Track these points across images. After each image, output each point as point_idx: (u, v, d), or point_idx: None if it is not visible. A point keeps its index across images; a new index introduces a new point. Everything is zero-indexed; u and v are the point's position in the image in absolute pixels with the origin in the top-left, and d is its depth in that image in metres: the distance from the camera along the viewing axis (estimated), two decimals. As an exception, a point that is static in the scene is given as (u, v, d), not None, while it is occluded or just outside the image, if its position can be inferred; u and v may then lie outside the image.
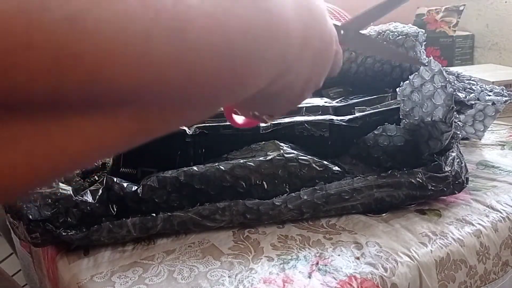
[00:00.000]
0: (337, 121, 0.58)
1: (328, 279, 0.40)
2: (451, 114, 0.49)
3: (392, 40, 0.68)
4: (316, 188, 0.49)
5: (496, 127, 0.79)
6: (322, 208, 0.49)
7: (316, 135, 0.57)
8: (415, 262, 0.43)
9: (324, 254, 0.44)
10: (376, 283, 0.41)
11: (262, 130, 0.57)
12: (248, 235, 0.48)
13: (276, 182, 0.50)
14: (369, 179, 0.50)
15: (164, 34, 0.14)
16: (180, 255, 0.45)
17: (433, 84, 0.51)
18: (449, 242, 0.46)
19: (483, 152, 0.69)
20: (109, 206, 0.48)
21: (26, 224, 0.45)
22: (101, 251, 0.46)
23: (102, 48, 0.13)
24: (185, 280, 0.41)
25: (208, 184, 0.49)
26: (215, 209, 0.48)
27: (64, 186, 0.48)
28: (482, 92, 0.65)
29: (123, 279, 0.42)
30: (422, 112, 0.52)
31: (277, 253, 0.45)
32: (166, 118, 0.17)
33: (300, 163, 0.51)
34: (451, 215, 0.51)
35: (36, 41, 0.12)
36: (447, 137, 0.50)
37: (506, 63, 1.16)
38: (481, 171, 0.62)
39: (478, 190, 0.56)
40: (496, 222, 0.50)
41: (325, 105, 0.63)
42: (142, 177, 0.50)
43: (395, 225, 0.49)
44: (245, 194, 0.49)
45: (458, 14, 1.20)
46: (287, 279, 0.41)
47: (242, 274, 0.42)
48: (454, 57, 1.20)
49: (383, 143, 0.55)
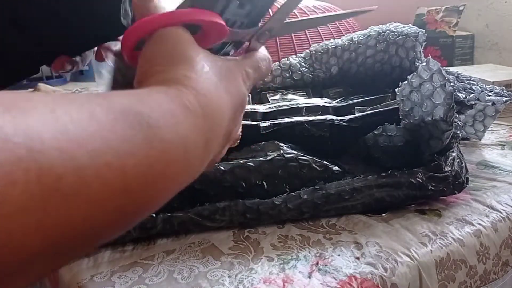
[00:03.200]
0: (337, 121, 0.58)
1: (328, 279, 0.41)
2: (451, 112, 0.49)
3: (392, 40, 0.68)
4: (316, 188, 0.49)
5: (496, 127, 0.79)
6: (322, 208, 0.49)
7: (316, 135, 0.57)
8: (415, 262, 0.43)
9: (324, 254, 0.44)
10: (376, 283, 0.41)
11: (262, 130, 0.57)
12: (248, 235, 0.48)
13: (276, 182, 0.50)
14: (369, 179, 0.50)
15: None
16: (180, 255, 0.45)
17: (432, 83, 0.51)
18: (449, 242, 0.46)
19: (483, 152, 0.69)
20: (109, 206, 0.48)
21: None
22: (101, 251, 0.46)
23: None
24: (185, 280, 0.41)
25: (208, 184, 0.49)
26: (215, 209, 0.48)
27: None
28: (482, 92, 0.65)
29: (123, 279, 0.42)
30: (422, 111, 0.52)
31: (277, 253, 0.45)
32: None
33: (300, 163, 0.51)
34: (451, 215, 0.51)
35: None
36: (448, 136, 0.50)
37: (506, 63, 1.17)
38: (481, 171, 0.62)
39: (478, 190, 0.56)
40: (496, 222, 0.50)
41: (325, 105, 0.63)
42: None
43: (395, 225, 0.49)
44: (245, 194, 0.49)
45: (458, 14, 1.20)
46: (287, 279, 0.41)
47: (242, 274, 0.42)
48: (454, 57, 1.20)
49: (383, 143, 0.55)
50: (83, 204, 0.16)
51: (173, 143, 0.21)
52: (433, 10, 1.24)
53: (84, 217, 0.16)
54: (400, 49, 0.68)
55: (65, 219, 0.15)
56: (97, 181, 0.16)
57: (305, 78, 0.75)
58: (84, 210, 0.16)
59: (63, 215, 0.15)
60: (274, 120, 0.58)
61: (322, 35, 1.01)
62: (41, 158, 0.14)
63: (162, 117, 0.21)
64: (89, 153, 0.16)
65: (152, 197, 0.20)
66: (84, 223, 0.16)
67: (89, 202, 0.16)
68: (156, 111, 0.20)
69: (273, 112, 0.60)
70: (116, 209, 0.17)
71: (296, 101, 0.65)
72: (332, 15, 0.41)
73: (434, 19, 1.23)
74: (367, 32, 0.72)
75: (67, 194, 0.15)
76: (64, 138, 0.15)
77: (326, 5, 1.12)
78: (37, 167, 0.14)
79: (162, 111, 0.21)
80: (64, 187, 0.15)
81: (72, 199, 0.15)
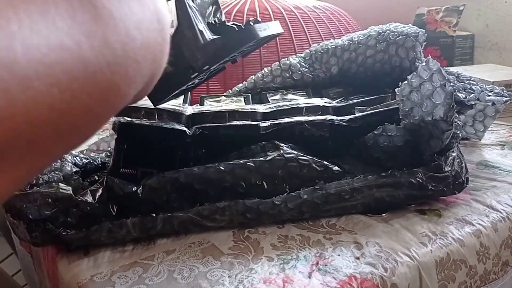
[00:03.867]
0: (337, 121, 0.58)
1: (328, 279, 0.41)
2: (451, 112, 0.49)
3: (392, 40, 0.68)
4: (316, 188, 0.49)
5: (496, 127, 0.79)
6: (322, 208, 0.49)
7: (316, 135, 0.57)
8: (415, 262, 0.43)
9: (324, 254, 0.44)
10: (376, 283, 0.41)
11: (262, 130, 0.57)
12: (248, 235, 0.48)
13: (276, 182, 0.50)
14: (369, 179, 0.50)
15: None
16: (180, 255, 0.45)
17: (432, 83, 0.51)
18: (449, 242, 0.46)
19: (483, 152, 0.69)
20: (109, 206, 0.48)
21: (26, 224, 0.45)
22: (101, 251, 0.46)
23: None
24: (185, 280, 0.41)
25: (208, 184, 0.49)
26: (215, 209, 0.48)
27: (64, 186, 0.48)
28: (482, 92, 0.65)
29: (123, 279, 0.42)
30: (422, 111, 0.52)
31: (277, 253, 0.45)
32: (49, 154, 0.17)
33: (300, 163, 0.51)
34: (451, 215, 0.51)
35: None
36: (448, 136, 0.50)
37: (506, 63, 1.16)
38: (481, 171, 0.62)
39: (478, 190, 0.56)
40: (496, 222, 0.50)
41: (325, 105, 0.63)
42: (142, 177, 0.50)
43: (395, 225, 0.49)
44: (245, 194, 0.49)
45: (458, 14, 1.20)
46: (287, 279, 0.41)
47: (242, 274, 0.42)
48: (454, 57, 1.20)
49: (383, 143, 0.55)
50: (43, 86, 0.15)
51: (128, 24, 0.19)
52: (433, 10, 1.24)
53: (49, 104, 0.15)
54: (400, 49, 0.68)
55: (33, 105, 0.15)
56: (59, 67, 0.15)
57: (305, 78, 0.75)
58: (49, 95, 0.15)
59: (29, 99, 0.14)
60: (274, 120, 0.58)
61: (322, 35, 1.01)
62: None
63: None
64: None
65: (116, 77, 0.19)
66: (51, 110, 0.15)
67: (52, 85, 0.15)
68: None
69: (273, 112, 0.60)
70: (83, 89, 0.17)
71: (296, 101, 0.65)
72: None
73: (434, 19, 1.23)
74: (367, 32, 0.72)
75: (29, 79, 0.14)
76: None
77: (327, 5, 1.12)
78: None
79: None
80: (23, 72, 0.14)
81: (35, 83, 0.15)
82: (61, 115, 0.16)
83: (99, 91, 0.17)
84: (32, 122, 0.15)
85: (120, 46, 0.18)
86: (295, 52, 0.96)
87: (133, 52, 0.19)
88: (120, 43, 0.18)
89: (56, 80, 0.15)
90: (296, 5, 1.07)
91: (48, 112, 0.15)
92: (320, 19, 1.05)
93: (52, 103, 0.15)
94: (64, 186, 0.48)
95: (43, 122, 0.15)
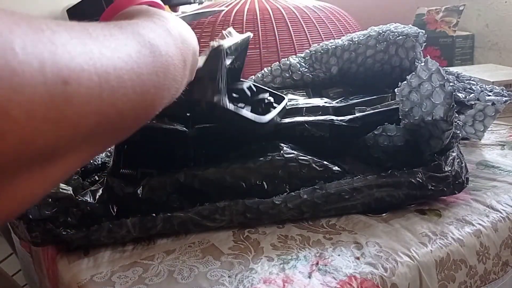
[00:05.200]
0: (337, 122, 0.58)
1: (328, 279, 0.41)
2: (451, 112, 0.49)
3: (392, 40, 0.68)
4: (316, 188, 0.49)
5: (496, 127, 0.79)
6: (322, 208, 0.49)
7: (316, 135, 0.57)
8: (415, 262, 0.43)
9: (324, 254, 0.44)
10: (376, 283, 0.41)
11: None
12: (248, 235, 0.48)
13: (276, 182, 0.50)
14: (369, 178, 0.50)
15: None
16: (180, 255, 0.45)
17: (431, 83, 0.51)
18: (449, 242, 0.46)
19: (483, 152, 0.69)
20: (109, 206, 0.48)
21: (26, 223, 0.45)
22: (101, 251, 0.46)
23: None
24: (185, 280, 0.41)
25: (208, 184, 0.49)
26: (215, 209, 0.48)
27: (64, 186, 0.48)
28: (482, 92, 0.65)
29: (123, 279, 0.42)
30: (422, 111, 0.52)
31: (277, 253, 0.45)
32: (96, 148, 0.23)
33: (300, 163, 0.51)
34: (451, 215, 0.51)
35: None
36: (448, 135, 0.50)
37: (506, 63, 1.16)
38: (481, 171, 0.62)
39: (478, 190, 0.56)
40: (496, 222, 0.50)
41: (325, 106, 0.63)
42: (142, 177, 0.50)
43: (395, 225, 0.49)
44: (245, 194, 0.49)
45: (458, 14, 1.20)
46: (287, 279, 0.41)
47: (242, 274, 0.42)
48: (454, 57, 1.20)
49: (383, 143, 0.55)
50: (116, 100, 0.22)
51: (167, 57, 0.27)
52: (433, 10, 1.24)
53: (118, 110, 0.22)
54: (400, 49, 0.68)
55: (113, 108, 0.21)
56: (123, 85, 0.22)
57: (305, 78, 0.75)
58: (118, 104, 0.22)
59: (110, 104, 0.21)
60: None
61: (322, 35, 1.01)
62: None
63: (158, 37, 0.27)
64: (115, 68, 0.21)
65: (156, 97, 0.26)
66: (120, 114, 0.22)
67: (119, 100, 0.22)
68: (152, 33, 0.27)
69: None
70: (137, 104, 0.24)
71: (296, 101, 0.65)
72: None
73: (434, 19, 1.23)
74: (367, 32, 0.72)
75: (111, 92, 0.21)
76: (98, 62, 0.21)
77: (327, 5, 1.12)
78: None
79: (155, 33, 0.28)
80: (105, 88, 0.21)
81: (113, 95, 0.21)
82: (121, 120, 0.22)
83: (144, 107, 0.25)
84: (108, 118, 0.21)
85: (162, 73, 0.26)
86: (295, 52, 0.96)
87: (167, 77, 0.27)
88: (162, 71, 0.26)
89: (125, 93, 0.22)
90: (296, 5, 1.07)
91: (115, 116, 0.22)
92: (320, 19, 1.05)
93: (121, 109, 0.22)
94: (64, 186, 0.48)
95: (111, 122, 0.22)
